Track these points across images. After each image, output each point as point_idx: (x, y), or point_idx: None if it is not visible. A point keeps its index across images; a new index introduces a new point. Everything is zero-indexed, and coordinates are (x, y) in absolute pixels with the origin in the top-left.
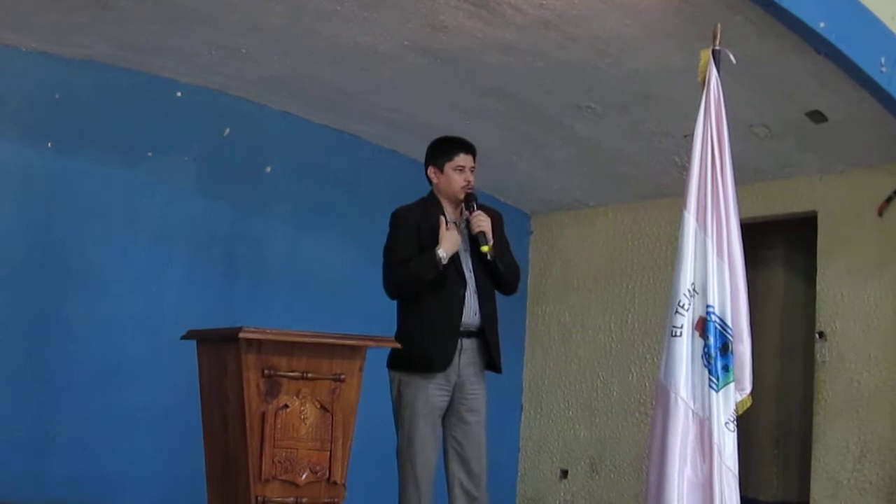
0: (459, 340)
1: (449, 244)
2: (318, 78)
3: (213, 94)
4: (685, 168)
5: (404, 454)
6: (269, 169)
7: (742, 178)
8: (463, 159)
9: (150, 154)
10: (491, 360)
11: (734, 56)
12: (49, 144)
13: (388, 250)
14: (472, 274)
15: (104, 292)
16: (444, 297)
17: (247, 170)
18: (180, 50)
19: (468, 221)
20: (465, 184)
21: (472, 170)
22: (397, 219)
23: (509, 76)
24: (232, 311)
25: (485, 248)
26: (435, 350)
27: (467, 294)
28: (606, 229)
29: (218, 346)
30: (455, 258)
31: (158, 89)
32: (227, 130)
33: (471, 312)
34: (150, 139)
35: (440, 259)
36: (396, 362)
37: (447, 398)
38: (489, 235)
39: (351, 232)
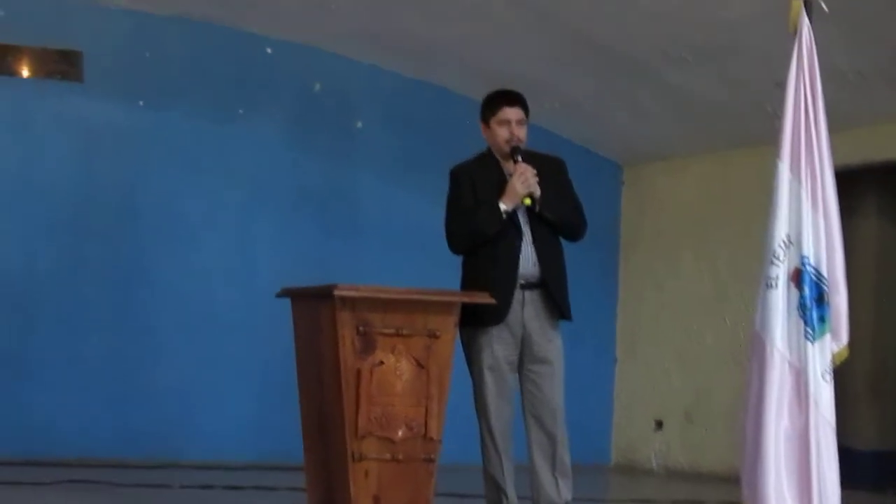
0: (521, 293)
1: (511, 197)
2: (408, 31)
3: (302, 49)
4: (776, 116)
5: (478, 408)
6: (359, 124)
7: (834, 125)
8: (507, 112)
9: (241, 111)
10: (561, 310)
11: (825, 4)
12: (140, 103)
13: (449, 207)
14: (528, 225)
15: (197, 246)
16: (500, 249)
17: (338, 125)
18: (270, 5)
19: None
20: (508, 137)
21: (521, 122)
22: (454, 176)
23: (600, 26)
24: (324, 265)
25: (527, 202)
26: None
27: (523, 245)
28: (698, 178)
29: (312, 303)
30: (512, 211)
31: (249, 46)
32: (318, 85)
33: (529, 263)
34: (241, 96)
35: (503, 212)
36: (461, 318)
37: (515, 350)
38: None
39: (442, 186)
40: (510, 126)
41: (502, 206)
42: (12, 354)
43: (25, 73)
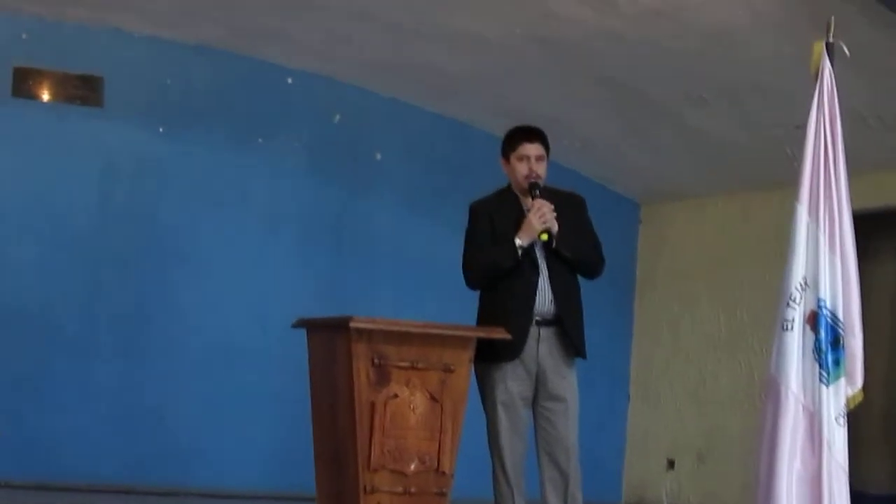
0: (536, 329)
1: (527, 232)
2: (429, 65)
3: (323, 80)
4: (795, 159)
5: (491, 443)
6: (379, 156)
7: (853, 169)
8: (526, 148)
9: (260, 140)
10: (577, 348)
11: (847, 48)
12: (160, 129)
13: (467, 242)
14: (545, 262)
15: (213, 275)
16: (516, 285)
17: (356, 156)
18: (291, 36)
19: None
20: (527, 173)
21: (540, 158)
22: (472, 211)
23: (620, 65)
24: (340, 296)
25: (543, 237)
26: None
27: (540, 281)
28: (715, 219)
29: (328, 334)
30: (529, 247)
31: (269, 75)
32: (338, 117)
33: (545, 300)
34: (261, 125)
35: (518, 247)
36: (476, 352)
37: (529, 387)
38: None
39: (460, 219)
40: (529, 162)
41: (518, 242)
42: (26, 378)
43: (46, 97)
